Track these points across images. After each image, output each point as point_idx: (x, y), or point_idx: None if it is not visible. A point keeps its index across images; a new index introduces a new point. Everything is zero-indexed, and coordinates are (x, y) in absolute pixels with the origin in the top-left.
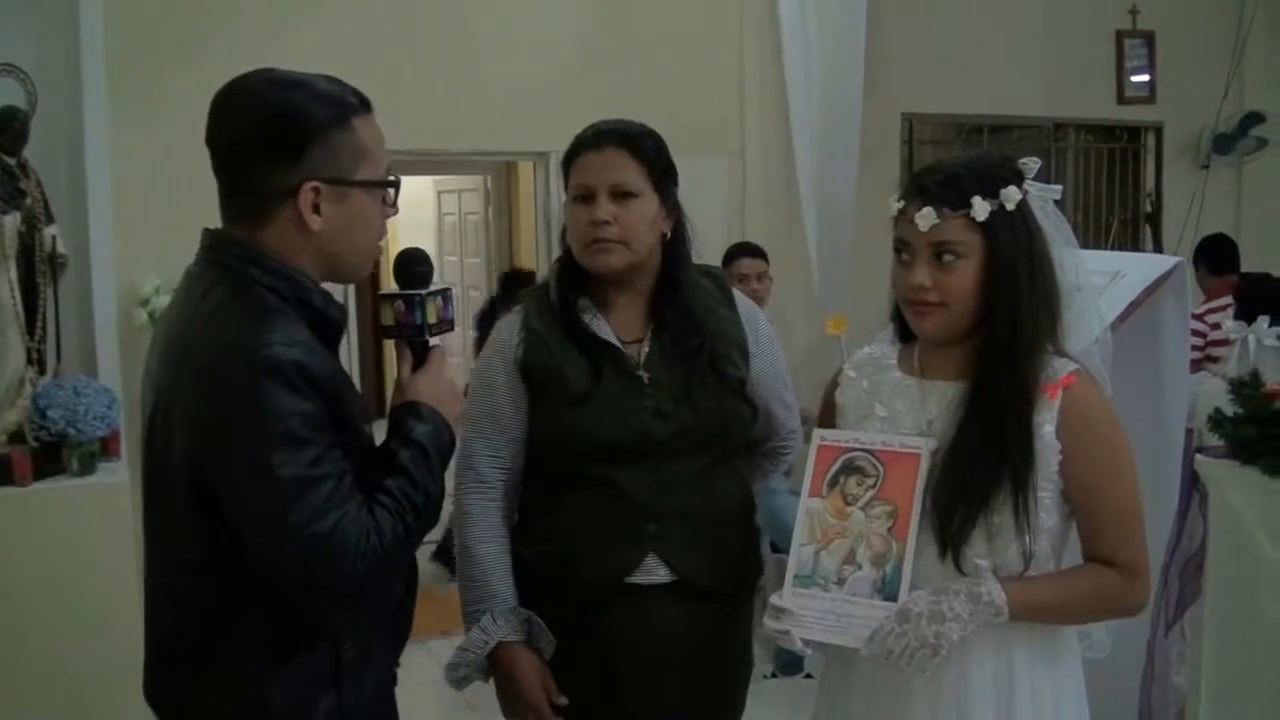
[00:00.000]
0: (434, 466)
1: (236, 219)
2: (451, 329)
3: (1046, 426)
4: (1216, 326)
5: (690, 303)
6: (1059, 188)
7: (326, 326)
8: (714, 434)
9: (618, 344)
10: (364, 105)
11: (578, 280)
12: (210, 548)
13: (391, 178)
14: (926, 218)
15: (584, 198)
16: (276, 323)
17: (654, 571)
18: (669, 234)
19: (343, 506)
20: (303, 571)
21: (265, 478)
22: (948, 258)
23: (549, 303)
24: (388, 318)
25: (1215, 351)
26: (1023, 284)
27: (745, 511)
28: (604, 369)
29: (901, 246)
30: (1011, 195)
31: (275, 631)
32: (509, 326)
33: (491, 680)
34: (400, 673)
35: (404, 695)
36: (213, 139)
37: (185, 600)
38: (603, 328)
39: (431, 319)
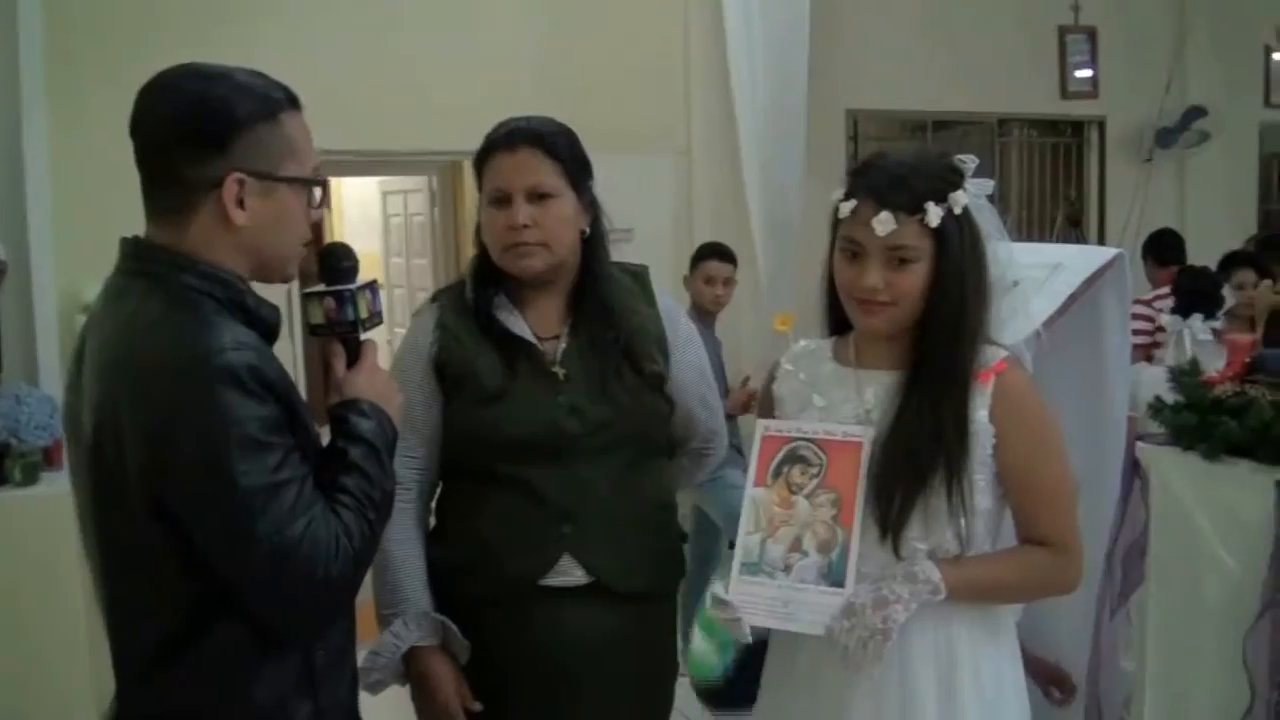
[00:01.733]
0: (385, 462)
1: (159, 216)
2: (381, 322)
3: (980, 412)
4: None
5: (608, 298)
6: (991, 183)
7: (262, 327)
8: (631, 431)
9: (533, 340)
10: (292, 102)
11: (494, 278)
12: (175, 558)
13: (319, 177)
14: (885, 223)
15: (500, 200)
16: (223, 327)
17: (570, 573)
18: (588, 231)
19: (309, 511)
20: (274, 584)
21: (227, 488)
22: (902, 261)
23: (464, 300)
24: (316, 316)
25: (1163, 337)
26: (969, 286)
27: (665, 512)
28: (518, 366)
29: (853, 246)
30: (959, 199)
31: (251, 635)
32: (422, 325)
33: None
34: None
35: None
36: (136, 129)
37: (156, 614)
38: (518, 324)
39: (363, 314)
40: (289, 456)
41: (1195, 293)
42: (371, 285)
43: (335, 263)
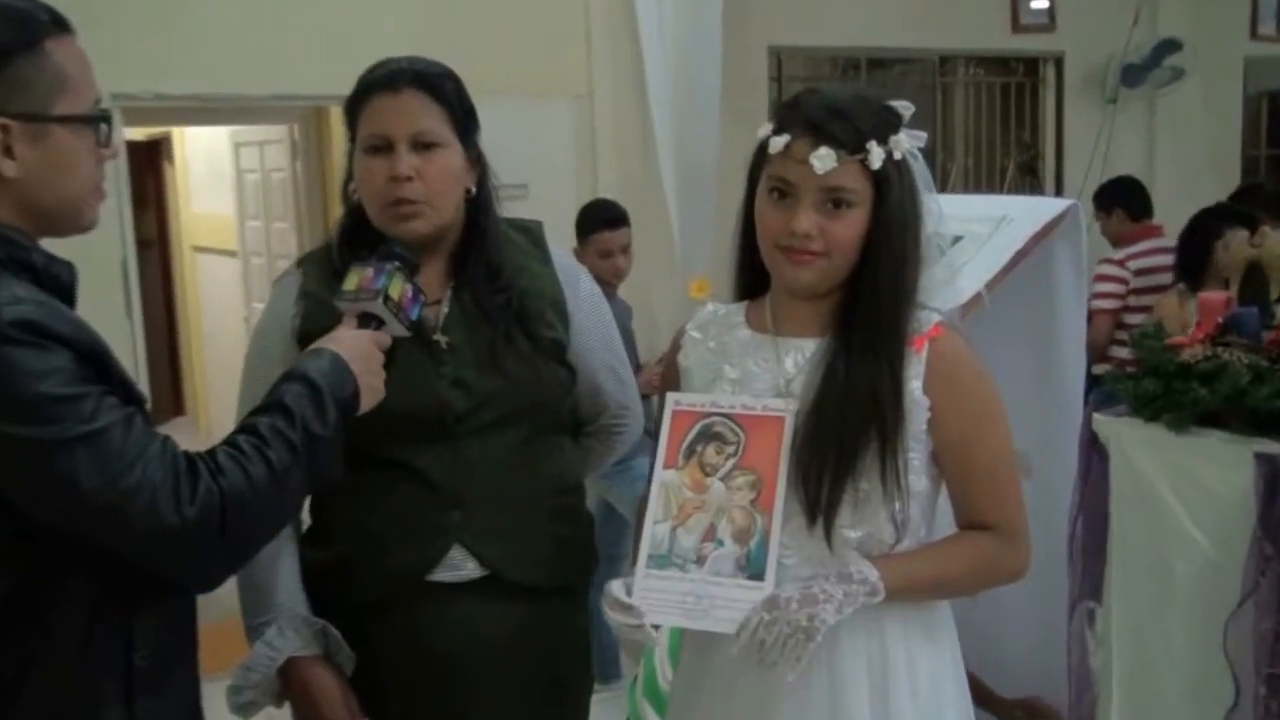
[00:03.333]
0: (324, 405)
1: None
2: (407, 329)
3: (914, 382)
4: (1142, 273)
5: (496, 256)
6: (923, 134)
7: (56, 287)
8: (525, 404)
9: None
10: (60, 25)
11: (365, 239)
12: None
13: (102, 110)
14: (824, 159)
15: (379, 148)
16: None
17: (461, 566)
18: (474, 190)
19: (143, 454)
20: (121, 536)
21: (39, 452)
22: (838, 205)
23: (331, 265)
24: (350, 283)
25: (1137, 301)
26: (910, 239)
27: (569, 496)
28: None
29: (783, 186)
30: (900, 143)
31: (76, 622)
32: (284, 294)
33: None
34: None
35: None
36: None
37: None
38: None
39: (394, 293)
40: (103, 400)
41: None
42: (416, 286)
43: (392, 245)
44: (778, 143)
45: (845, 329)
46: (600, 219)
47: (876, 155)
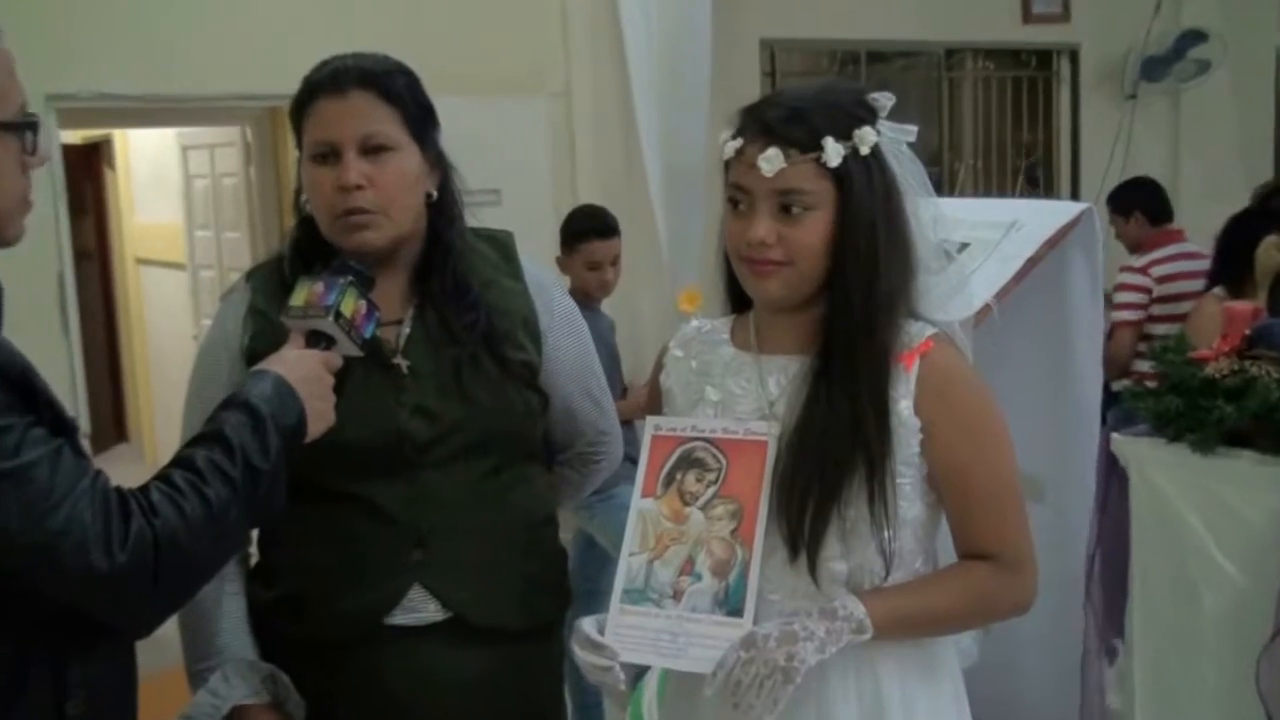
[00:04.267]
0: (266, 435)
1: None
2: (360, 348)
3: (903, 402)
4: (1166, 280)
5: (462, 271)
6: (913, 129)
7: None
8: (494, 433)
9: None
10: None
11: (320, 252)
12: None
13: (28, 117)
14: (772, 160)
15: (325, 156)
16: None
17: (421, 608)
18: (435, 193)
19: (72, 486)
20: (52, 580)
21: None
22: (795, 209)
23: (282, 279)
24: (299, 298)
25: (1160, 310)
26: (880, 240)
27: (541, 531)
28: (351, 358)
29: (738, 194)
30: (866, 137)
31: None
32: (233, 312)
33: None
34: None
35: None
36: None
37: None
38: None
39: (345, 311)
40: (28, 433)
41: None
42: (371, 303)
43: (347, 260)
44: (731, 148)
45: (826, 346)
46: (591, 227)
47: (834, 152)
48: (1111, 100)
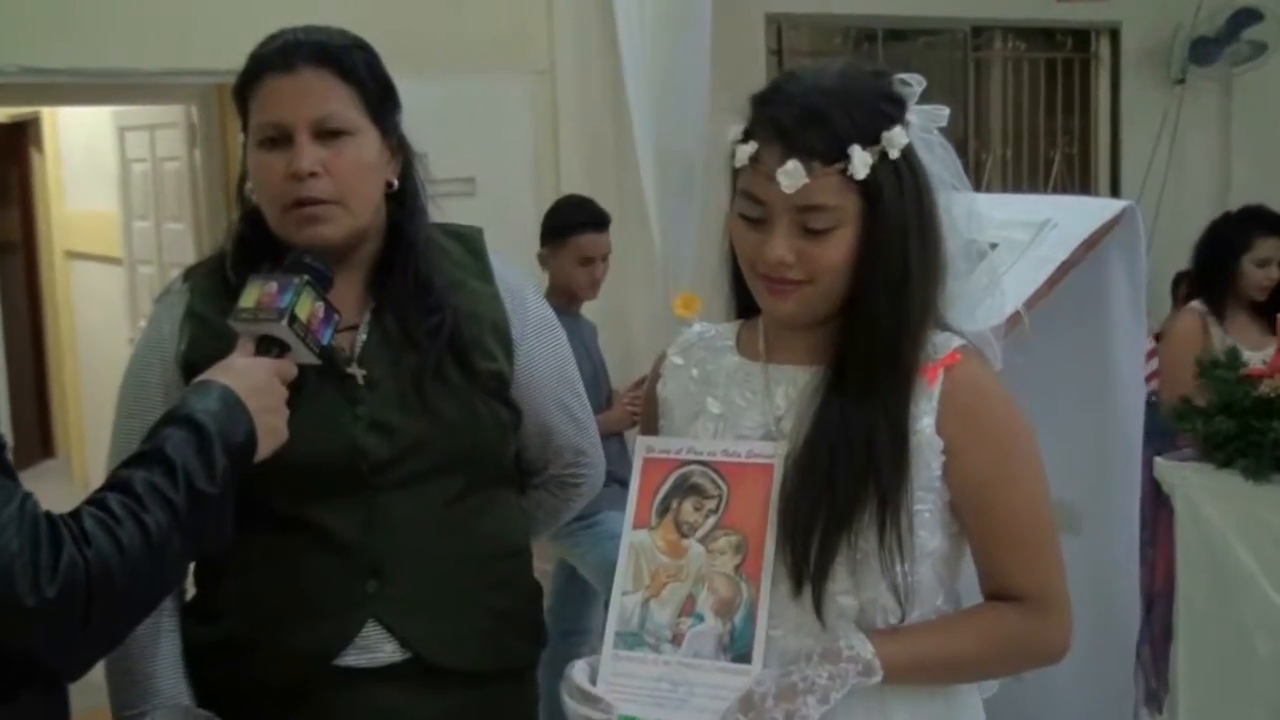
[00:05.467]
0: (212, 455)
1: None
2: (318, 356)
3: (925, 420)
4: None
5: (425, 269)
6: (945, 111)
7: None
8: (459, 452)
9: None
10: None
11: (265, 249)
12: None
13: None
14: (793, 175)
15: (274, 140)
16: None
17: (378, 647)
18: (396, 183)
19: None
20: None
21: None
22: (817, 226)
23: (225, 280)
24: (249, 299)
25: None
26: (913, 255)
27: (512, 562)
28: (301, 366)
29: (752, 206)
30: (896, 140)
31: None
32: (168, 313)
33: None
34: None
35: None
36: None
37: None
38: None
39: (301, 314)
40: None
41: None
42: (330, 305)
43: (300, 256)
44: (744, 153)
45: (845, 358)
46: (583, 219)
47: (861, 162)
48: (1156, 85)
